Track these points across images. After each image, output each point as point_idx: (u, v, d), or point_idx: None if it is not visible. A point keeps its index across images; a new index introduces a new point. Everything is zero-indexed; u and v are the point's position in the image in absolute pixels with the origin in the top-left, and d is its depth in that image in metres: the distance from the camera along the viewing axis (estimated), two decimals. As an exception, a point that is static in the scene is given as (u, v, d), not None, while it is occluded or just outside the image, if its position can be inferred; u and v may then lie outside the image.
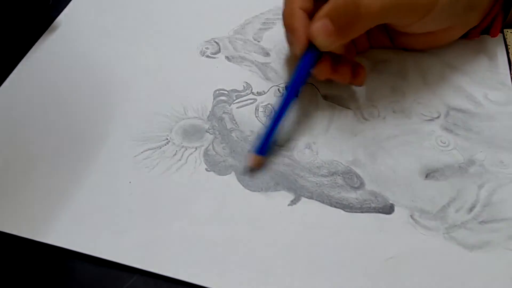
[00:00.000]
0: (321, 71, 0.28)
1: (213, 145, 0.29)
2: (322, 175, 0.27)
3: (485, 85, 0.31)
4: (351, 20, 0.25)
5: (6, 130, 0.30)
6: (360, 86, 0.31)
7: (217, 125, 0.30)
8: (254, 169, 0.28)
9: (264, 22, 0.36)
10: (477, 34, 0.32)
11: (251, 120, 0.30)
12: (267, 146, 0.28)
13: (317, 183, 0.27)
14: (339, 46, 0.27)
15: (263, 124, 0.30)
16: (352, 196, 0.26)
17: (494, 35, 0.32)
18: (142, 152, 0.29)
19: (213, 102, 0.31)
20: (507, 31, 0.34)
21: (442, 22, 0.29)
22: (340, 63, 0.29)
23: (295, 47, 0.28)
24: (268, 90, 0.32)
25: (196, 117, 0.30)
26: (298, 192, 0.27)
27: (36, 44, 0.35)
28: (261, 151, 0.27)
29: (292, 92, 0.28)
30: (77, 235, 0.25)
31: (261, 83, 0.32)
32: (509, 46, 0.33)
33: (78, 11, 0.38)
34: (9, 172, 0.28)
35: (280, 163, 0.28)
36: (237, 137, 0.29)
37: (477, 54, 0.33)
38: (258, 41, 0.35)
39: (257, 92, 0.32)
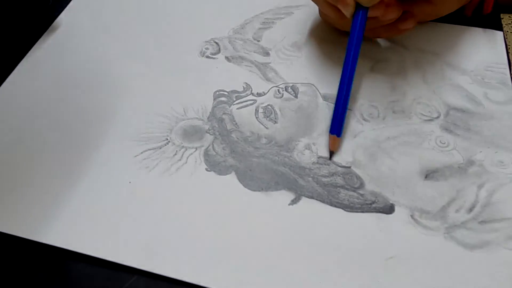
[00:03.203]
0: (379, 7, 0.28)
1: (213, 145, 0.29)
2: (322, 175, 0.27)
3: (485, 85, 0.31)
4: None
5: (6, 130, 0.30)
6: (411, 29, 0.31)
7: (217, 125, 0.30)
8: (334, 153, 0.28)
9: (264, 22, 0.36)
10: (470, 10, 0.34)
11: (251, 121, 0.30)
12: (343, 125, 0.29)
13: (317, 183, 0.27)
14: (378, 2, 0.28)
15: (263, 125, 0.30)
16: (352, 196, 0.26)
17: (486, 11, 0.34)
18: (142, 152, 0.29)
19: (213, 103, 0.31)
20: (507, 32, 0.34)
21: None
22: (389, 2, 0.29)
23: (346, 10, 0.28)
24: (268, 91, 0.32)
25: (196, 118, 0.30)
26: (299, 192, 0.27)
27: (36, 44, 0.35)
28: (338, 132, 0.28)
29: (356, 54, 0.28)
30: (77, 235, 0.25)
31: (261, 83, 0.32)
32: (509, 46, 0.33)
33: (78, 11, 0.38)
34: (9, 172, 0.28)
35: (280, 163, 0.28)
36: (237, 138, 0.29)
37: (477, 54, 0.33)
38: (258, 41, 0.35)
39: (257, 93, 0.32)
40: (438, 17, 0.34)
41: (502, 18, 0.34)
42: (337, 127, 0.28)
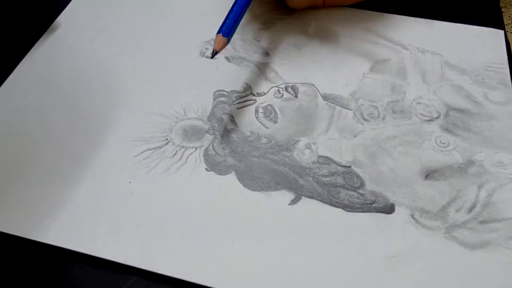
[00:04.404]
0: None
1: (213, 145, 0.29)
2: (322, 175, 0.27)
3: (485, 85, 0.31)
4: None
5: (6, 130, 0.30)
6: (296, 7, 0.33)
7: (217, 125, 0.30)
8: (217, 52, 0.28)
9: (264, 22, 0.36)
10: None
11: (251, 121, 0.30)
12: (233, 28, 0.28)
13: (317, 183, 0.27)
14: None
15: (263, 125, 0.30)
16: (352, 195, 0.26)
17: None
18: (142, 152, 0.29)
19: (213, 103, 0.31)
20: (508, 32, 0.34)
21: None
22: None
23: None
24: (268, 91, 0.32)
25: (196, 118, 0.30)
26: (299, 192, 0.27)
27: (36, 44, 0.35)
28: (225, 32, 0.28)
29: None
30: (77, 235, 0.25)
31: (260, 83, 0.32)
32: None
33: (78, 11, 0.38)
34: (9, 172, 0.28)
35: (280, 163, 0.28)
36: (237, 138, 0.29)
37: (477, 53, 0.33)
38: (258, 41, 0.35)
39: (257, 93, 0.32)
40: (350, 3, 0.35)
41: (504, 12, 0.34)
42: (225, 28, 0.28)
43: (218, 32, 0.28)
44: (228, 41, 0.28)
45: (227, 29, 0.28)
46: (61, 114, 0.31)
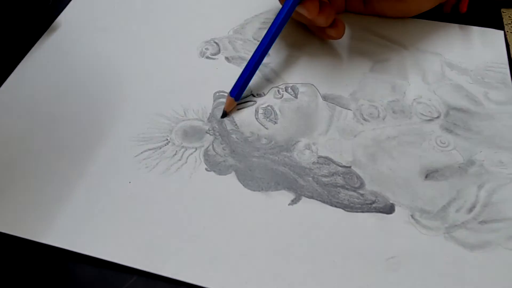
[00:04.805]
0: (309, 8, 0.29)
1: (213, 146, 0.29)
2: (322, 175, 0.27)
3: (485, 85, 0.31)
4: None
5: (6, 130, 0.30)
6: (337, 38, 0.33)
7: (217, 126, 0.30)
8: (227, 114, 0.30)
9: (264, 22, 0.36)
10: (449, 7, 0.35)
11: (251, 122, 0.30)
12: (243, 91, 0.31)
13: (317, 183, 0.27)
14: None
15: (263, 125, 0.30)
16: (352, 196, 0.26)
17: (461, 11, 0.35)
18: (142, 152, 0.29)
19: (213, 104, 0.31)
20: (508, 32, 0.34)
21: None
22: (324, 9, 0.30)
23: None
24: (268, 91, 0.32)
25: (196, 119, 0.30)
26: (299, 192, 0.27)
27: (36, 44, 0.35)
28: (236, 95, 0.30)
29: (276, 33, 0.30)
30: (77, 236, 0.25)
31: (260, 84, 0.32)
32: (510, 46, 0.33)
33: (78, 11, 0.38)
34: (9, 172, 0.28)
35: (280, 163, 0.28)
36: (237, 138, 0.29)
37: (477, 53, 0.33)
38: (258, 41, 0.35)
39: (257, 94, 0.32)
40: (411, 15, 0.35)
41: (503, 12, 0.35)
42: (237, 91, 0.30)
43: (231, 95, 0.30)
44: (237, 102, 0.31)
45: (240, 94, 0.31)
46: (61, 114, 0.31)
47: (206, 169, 0.28)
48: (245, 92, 0.31)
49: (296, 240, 0.25)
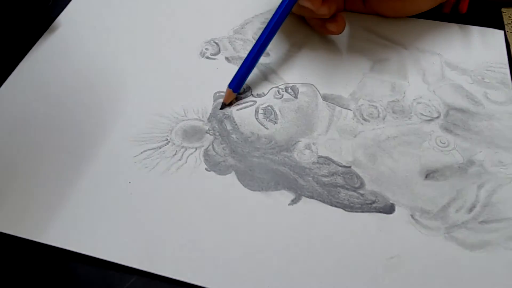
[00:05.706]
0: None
1: (213, 145, 0.29)
2: (322, 175, 0.27)
3: (485, 85, 0.31)
4: None
5: (6, 130, 0.30)
6: (337, 33, 0.33)
7: (217, 126, 0.30)
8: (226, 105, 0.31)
9: (264, 22, 0.36)
10: (448, 8, 0.35)
11: (251, 122, 0.30)
12: (242, 83, 0.31)
13: (317, 183, 0.27)
14: None
15: (263, 125, 0.30)
16: (352, 196, 0.26)
17: (461, 11, 0.34)
18: (142, 152, 0.29)
19: (213, 104, 0.31)
20: (508, 32, 0.34)
21: None
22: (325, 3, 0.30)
23: None
24: (268, 91, 0.32)
25: (196, 119, 0.30)
26: (299, 192, 0.27)
27: (36, 44, 0.35)
28: (236, 89, 0.31)
29: (275, 27, 0.30)
30: (77, 236, 0.25)
31: (260, 84, 0.32)
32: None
33: (78, 11, 0.38)
34: (9, 172, 0.28)
35: (280, 163, 0.28)
36: (237, 138, 0.29)
37: (477, 53, 0.33)
38: (258, 41, 0.35)
39: (257, 94, 0.32)
40: (411, 15, 0.35)
41: (503, 12, 0.35)
42: (235, 82, 0.31)
43: (230, 86, 0.31)
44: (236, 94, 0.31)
45: (238, 86, 0.31)
46: (61, 114, 0.31)
47: (206, 169, 0.28)
48: (245, 92, 0.31)
49: (296, 240, 0.25)
